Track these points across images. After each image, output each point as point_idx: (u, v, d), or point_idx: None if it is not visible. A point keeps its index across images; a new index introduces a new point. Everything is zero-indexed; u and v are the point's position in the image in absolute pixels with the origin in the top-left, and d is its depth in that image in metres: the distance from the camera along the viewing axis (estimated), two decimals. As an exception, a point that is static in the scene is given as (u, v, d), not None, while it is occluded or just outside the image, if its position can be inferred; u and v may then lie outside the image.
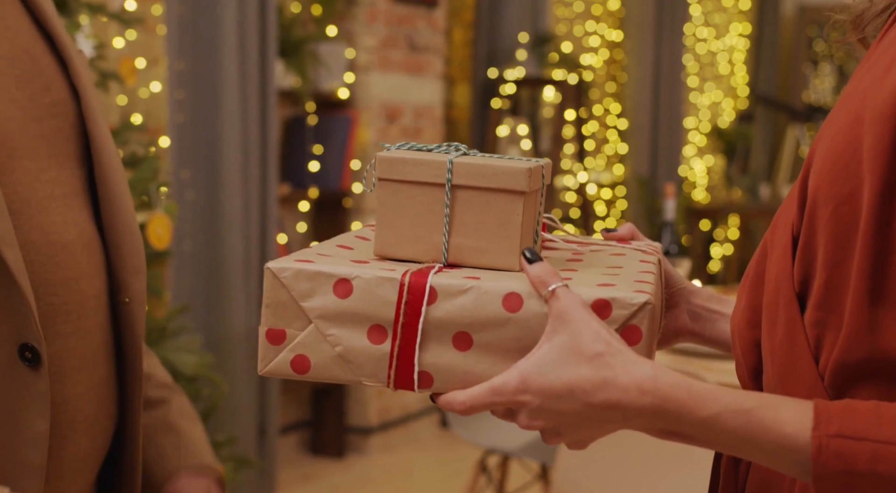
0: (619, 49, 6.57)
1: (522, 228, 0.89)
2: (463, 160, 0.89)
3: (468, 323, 0.83)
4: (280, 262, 0.87)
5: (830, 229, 0.78)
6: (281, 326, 0.87)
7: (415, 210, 0.90)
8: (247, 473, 3.43)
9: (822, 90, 8.50)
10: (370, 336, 0.85)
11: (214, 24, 3.36)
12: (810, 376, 0.80)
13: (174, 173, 3.32)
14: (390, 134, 4.36)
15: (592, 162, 6.31)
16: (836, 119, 0.82)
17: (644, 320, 0.82)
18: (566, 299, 0.81)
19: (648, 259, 0.98)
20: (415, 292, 0.84)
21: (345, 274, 0.85)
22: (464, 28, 5.34)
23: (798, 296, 0.82)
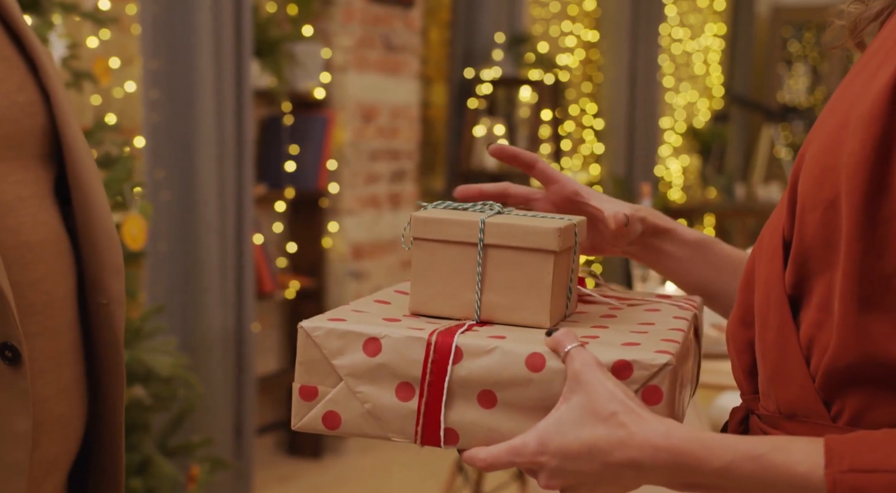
0: (595, 49, 6.59)
1: (553, 286, 0.92)
2: (495, 220, 0.93)
3: (492, 382, 0.86)
4: (313, 321, 0.91)
5: (819, 234, 0.79)
6: (313, 383, 0.90)
7: (448, 268, 0.94)
8: (223, 474, 3.42)
9: (797, 90, 8.56)
10: (398, 394, 0.88)
11: (189, 24, 3.35)
12: (802, 377, 0.81)
13: (149, 174, 3.30)
14: (366, 134, 4.36)
15: (569, 162, 6.32)
16: (825, 124, 0.83)
17: (665, 381, 0.83)
18: (581, 360, 0.83)
19: (683, 315, 1.01)
20: (441, 351, 0.87)
21: (374, 333, 0.89)
22: (440, 28, 5.34)
23: (790, 298, 0.83)
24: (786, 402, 0.83)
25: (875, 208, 0.75)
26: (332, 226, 4.27)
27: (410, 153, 4.65)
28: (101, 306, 1.06)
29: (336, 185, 4.24)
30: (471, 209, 0.99)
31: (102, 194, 1.08)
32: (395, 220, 4.58)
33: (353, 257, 4.32)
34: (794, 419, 0.82)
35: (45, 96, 1.06)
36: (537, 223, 0.92)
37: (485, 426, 0.86)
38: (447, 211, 0.98)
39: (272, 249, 4.19)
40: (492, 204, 1.00)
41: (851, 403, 0.78)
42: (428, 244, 0.95)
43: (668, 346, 0.87)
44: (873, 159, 0.75)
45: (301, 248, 4.27)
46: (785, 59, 8.53)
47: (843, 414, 0.79)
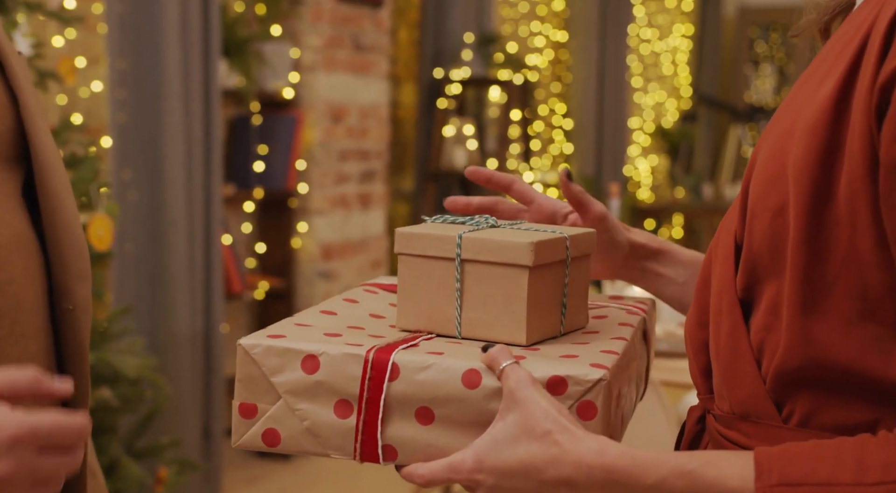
0: (563, 49, 6.61)
1: (532, 302, 0.91)
2: (472, 235, 0.92)
3: (429, 399, 0.86)
4: (252, 338, 0.91)
5: (767, 239, 0.80)
6: (252, 400, 0.90)
7: (431, 284, 0.94)
8: (191, 476, 3.40)
9: (763, 91, 8.63)
10: (337, 411, 0.88)
11: (156, 23, 3.33)
12: (753, 380, 0.82)
13: (116, 174, 3.28)
14: (336, 134, 4.35)
15: (538, 162, 6.34)
16: (775, 129, 0.84)
17: (599, 397, 0.83)
18: (515, 377, 0.83)
19: (629, 320, 1.01)
20: (378, 368, 0.87)
21: (312, 350, 0.88)
22: (409, 28, 5.34)
23: (742, 301, 0.84)
24: (738, 403, 0.84)
25: (819, 215, 0.76)
26: (301, 226, 4.26)
27: (380, 153, 4.64)
28: (66, 312, 1.04)
29: (305, 185, 4.23)
30: (468, 223, 0.98)
31: (71, 199, 1.06)
32: (365, 220, 4.57)
33: (322, 257, 4.31)
34: (747, 420, 0.83)
35: (12, 98, 1.04)
36: (515, 237, 0.91)
37: (423, 442, 0.87)
38: (433, 225, 0.98)
39: (241, 249, 4.17)
40: (487, 217, 0.99)
41: (801, 405, 0.80)
42: (411, 260, 0.95)
43: (606, 359, 0.87)
44: (818, 166, 0.76)
45: (270, 248, 4.26)
46: (752, 60, 8.60)
47: (794, 416, 0.80)
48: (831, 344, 0.77)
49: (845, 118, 0.75)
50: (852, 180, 0.74)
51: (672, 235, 7.71)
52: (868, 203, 0.74)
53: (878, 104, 0.73)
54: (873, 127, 0.73)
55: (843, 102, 0.76)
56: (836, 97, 0.76)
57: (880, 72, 0.73)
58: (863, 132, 0.74)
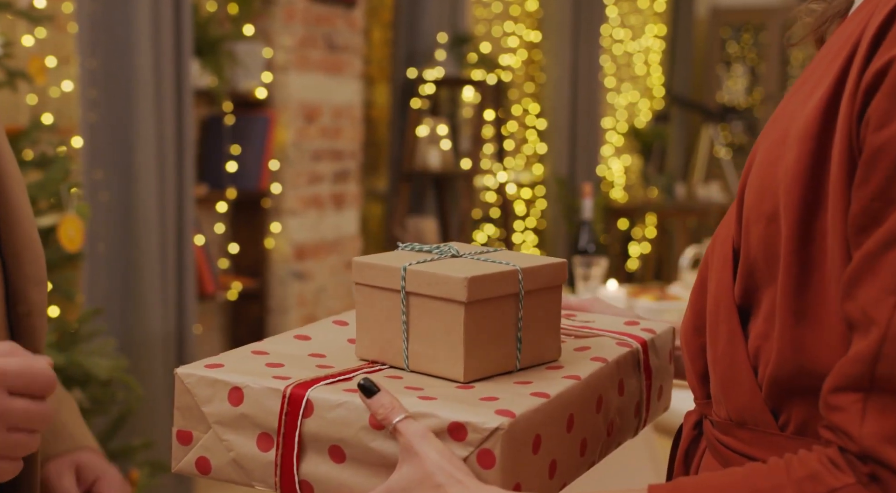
0: (537, 50, 6.62)
1: (471, 339, 0.90)
2: (416, 267, 0.91)
3: (339, 438, 0.86)
4: (188, 367, 0.92)
5: (763, 247, 0.80)
6: (188, 428, 0.92)
7: (383, 315, 0.94)
8: (164, 477, 3.38)
9: (735, 91, 8.68)
10: (259, 444, 0.89)
11: (127, 22, 3.31)
12: (750, 387, 0.82)
13: (87, 174, 3.26)
14: (309, 134, 4.34)
15: (512, 162, 6.35)
16: (768, 136, 0.83)
17: (497, 445, 0.81)
18: (408, 432, 0.83)
19: (608, 354, 0.99)
20: (294, 404, 0.87)
21: (237, 383, 0.89)
22: (382, 28, 5.34)
23: (740, 308, 0.83)
24: (736, 410, 0.84)
25: (809, 224, 0.76)
26: (274, 226, 4.25)
27: (353, 153, 4.64)
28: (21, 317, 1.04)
29: (278, 185, 4.22)
30: (434, 251, 0.97)
31: (26, 203, 1.05)
32: (339, 220, 4.57)
33: (295, 257, 4.30)
34: (745, 427, 0.83)
35: None
36: (455, 271, 0.90)
37: (336, 481, 0.86)
38: (396, 254, 0.97)
39: (214, 249, 4.15)
40: (451, 246, 0.98)
41: (797, 413, 0.79)
42: (366, 290, 0.95)
43: (526, 403, 0.85)
44: (808, 175, 0.76)
45: (243, 248, 4.24)
46: (724, 60, 8.65)
47: (790, 424, 0.80)
48: (822, 353, 0.76)
49: (833, 126, 0.75)
50: (834, 187, 0.74)
51: (645, 235, 7.75)
52: (846, 209, 0.74)
53: (860, 109, 0.73)
54: (853, 132, 0.73)
55: (832, 109, 0.76)
56: (825, 105, 0.76)
57: (863, 76, 0.73)
58: (843, 138, 0.74)
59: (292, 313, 4.29)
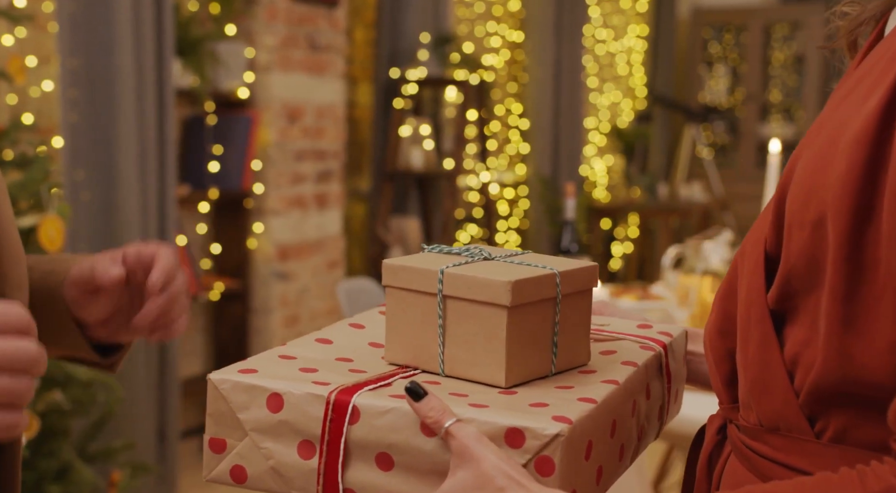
0: (519, 50, 6.63)
1: (513, 343, 0.88)
2: (454, 270, 0.89)
3: (388, 444, 0.84)
4: (222, 372, 0.89)
5: (806, 253, 0.78)
6: (221, 435, 0.89)
7: (416, 318, 0.92)
8: (146, 479, 3.37)
9: (717, 91, 8.72)
10: (300, 451, 0.86)
11: (108, 22, 3.29)
12: (784, 393, 0.81)
13: (68, 174, 3.24)
14: (292, 134, 4.33)
15: (495, 162, 6.35)
16: (814, 142, 0.82)
17: (557, 452, 0.80)
18: (462, 435, 0.80)
19: (635, 358, 0.98)
20: (339, 410, 0.85)
21: (277, 389, 0.87)
22: (365, 28, 5.33)
23: (774, 312, 0.82)
24: (768, 415, 0.82)
25: (861, 232, 0.75)
26: (256, 227, 4.24)
27: (336, 153, 4.63)
28: None
29: (261, 185, 4.21)
30: (462, 254, 0.95)
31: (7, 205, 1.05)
32: (322, 220, 4.56)
33: (278, 257, 4.29)
34: (777, 433, 0.82)
35: None
36: (496, 275, 0.88)
37: (383, 489, 0.84)
38: (424, 256, 0.95)
39: (196, 250, 4.14)
40: (481, 248, 0.96)
41: (836, 421, 0.78)
42: (398, 293, 0.93)
43: (577, 409, 0.83)
44: (861, 183, 0.74)
45: (225, 249, 4.23)
46: (706, 61, 8.68)
47: (827, 431, 0.79)
48: (871, 363, 0.75)
49: (891, 132, 0.74)
50: (891, 195, 0.73)
51: (628, 235, 7.77)
52: None
53: None
54: None
55: (889, 115, 0.74)
56: (882, 111, 0.75)
57: None
58: None
59: (275, 313, 4.28)
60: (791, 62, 8.54)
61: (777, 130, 8.43)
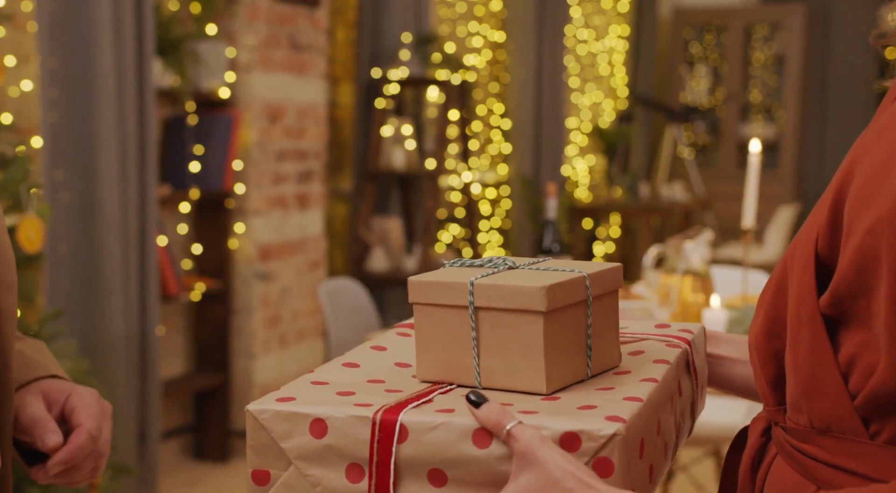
0: (501, 50, 6.64)
1: (550, 348, 0.88)
2: (484, 281, 0.89)
3: (440, 460, 0.82)
4: (260, 403, 0.88)
5: (862, 255, 0.77)
6: (265, 467, 0.88)
7: (447, 333, 0.91)
8: (126, 480, 3.36)
9: (698, 91, 8.75)
10: (348, 475, 0.85)
11: (88, 22, 3.28)
12: (838, 394, 0.80)
13: (47, 174, 3.22)
14: (273, 134, 4.32)
15: (477, 162, 6.36)
16: (877, 145, 0.81)
17: (615, 452, 0.79)
18: (525, 437, 0.79)
19: (666, 356, 0.97)
20: (386, 430, 0.84)
21: (319, 414, 0.86)
22: (347, 28, 5.33)
23: (827, 313, 0.81)
24: (820, 417, 0.81)
25: None
26: (238, 227, 4.22)
27: (318, 153, 4.62)
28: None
29: (242, 185, 4.20)
30: (485, 266, 0.95)
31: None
32: (303, 220, 4.55)
33: (259, 258, 4.28)
34: (829, 435, 0.81)
35: None
36: (527, 281, 0.88)
37: None
38: (449, 271, 0.94)
39: (177, 250, 4.13)
40: (505, 258, 0.95)
41: (893, 423, 0.77)
42: (426, 309, 0.91)
43: (626, 408, 0.83)
44: None
45: (206, 249, 4.22)
46: (686, 61, 8.71)
47: (883, 433, 0.78)
48: None
49: None
50: None
51: (610, 234, 7.79)
52: None
53: None
54: None
55: None
56: None
57: None
58: None
59: (256, 313, 4.27)
60: (771, 62, 8.58)
61: (757, 130, 8.46)
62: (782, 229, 7.25)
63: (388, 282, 5.12)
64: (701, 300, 2.75)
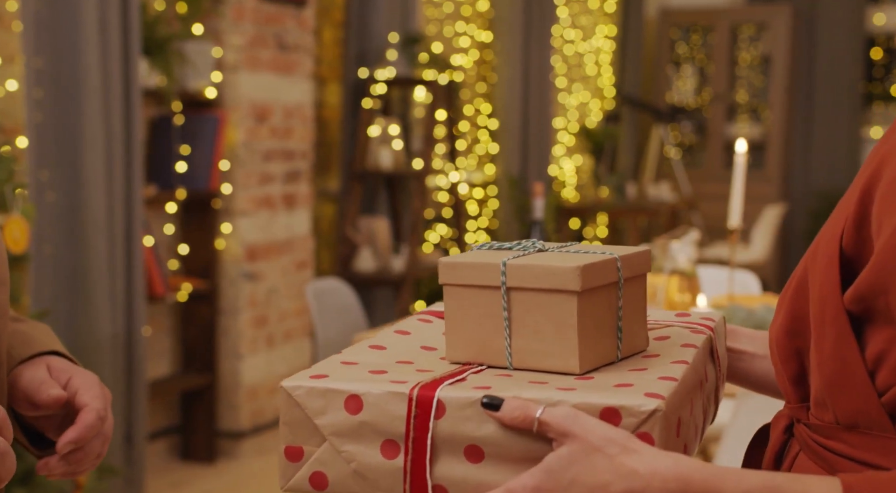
0: (488, 50, 6.64)
1: (584, 329, 0.88)
2: (517, 262, 0.89)
3: (477, 436, 0.83)
4: (294, 379, 0.88)
5: (890, 252, 0.77)
6: (298, 443, 0.88)
7: (478, 314, 0.91)
8: (112, 481, 3.35)
9: (685, 91, 8.77)
10: (383, 451, 0.85)
11: (74, 21, 3.26)
12: (865, 390, 0.80)
13: (33, 174, 3.21)
14: (260, 134, 4.31)
15: (464, 162, 6.36)
16: None
17: (655, 427, 0.80)
18: (558, 418, 0.79)
19: (693, 341, 0.97)
20: (423, 406, 0.84)
21: (355, 390, 0.86)
22: (333, 27, 5.32)
23: (852, 310, 0.81)
24: (846, 413, 0.82)
25: None
26: (225, 227, 4.22)
27: (305, 153, 4.62)
28: None
29: (229, 185, 4.19)
30: (514, 248, 0.95)
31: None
32: (290, 220, 4.54)
33: (246, 258, 4.27)
34: (855, 431, 0.81)
35: None
36: (561, 262, 0.88)
37: (474, 482, 0.83)
38: (478, 253, 0.94)
39: (163, 251, 4.11)
40: (534, 241, 0.96)
41: None
42: (456, 290, 0.92)
43: (663, 387, 0.83)
44: None
45: (193, 249, 4.21)
46: (673, 61, 8.73)
47: None
48: None
49: None
50: None
51: (597, 234, 7.80)
52: None
53: None
54: None
55: None
56: None
57: None
58: None
59: (243, 314, 4.26)
60: (758, 63, 8.61)
61: (744, 130, 8.49)
62: (768, 229, 7.28)
63: (376, 282, 5.12)
64: (687, 300, 2.76)
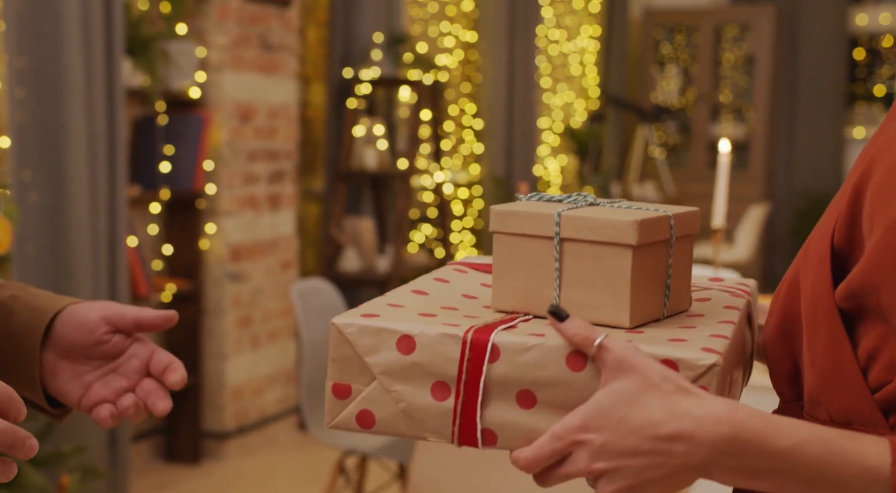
0: (473, 50, 6.64)
1: (636, 283, 0.88)
2: (572, 213, 0.89)
3: (531, 381, 0.83)
4: (345, 317, 0.88)
5: (882, 250, 0.78)
6: (347, 381, 0.87)
7: (528, 263, 0.91)
8: (96, 483, 3.33)
9: (669, 91, 8.79)
10: (433, 393, 0.85)
11: (56, 21, 3.25)
12: (857, 388, 0.80)
13: (15, 174, 3.19)
14: (244, 134, 4.30)
15: (449, 162, 6.36)
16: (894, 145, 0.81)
17: (712, 381, 0.79)
18: (619, 347, 0.79)
19: (734, 303, 0.97)
20: (477, 349, 0.83)
21: (408, 331, 0.85)
22: (318, 27, 5.31)
23: (844, 308, 0.81)
24: (840, 410, 0.82)
25: None
26: (209, 227, 4.20)
27: (289, 153, 4.61)
28: None
29: (213, 185, 4.18)
30: (565, 201, 0.95)
31: None
32: (275, 220, 4.53)
33: (231, 258, 4.26)
34: (849, 427, 0.81)
35: None
36: (617, 216, 0.88)
37: (524, 427, 0.83)
38: (530, 203, 0.94)
39: (147, 251, 4.10)
40: (586, 195, 0.96)
41: None
42: (507, 238, 0.91)
43: (717, 343, 0.83)
44: None
45: (177, 250, 4.19)
46: (657, 61, 8.75)
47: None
48: None
49: None
50: None
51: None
52: None
53: None
54: None
55: None
56: None
57: None
58: None
59: (228, 314, 4.25)
60: (741, 63, 8.64)
61: (728, 130, 8.52)
62: (752, 229, 7.30)
63: (360, 282, 5.12)
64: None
